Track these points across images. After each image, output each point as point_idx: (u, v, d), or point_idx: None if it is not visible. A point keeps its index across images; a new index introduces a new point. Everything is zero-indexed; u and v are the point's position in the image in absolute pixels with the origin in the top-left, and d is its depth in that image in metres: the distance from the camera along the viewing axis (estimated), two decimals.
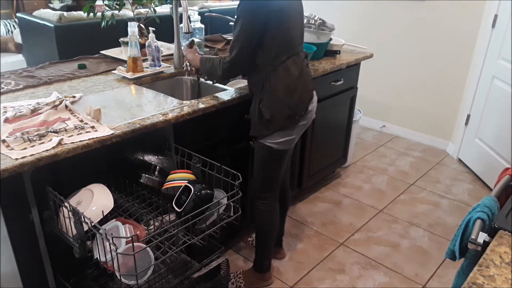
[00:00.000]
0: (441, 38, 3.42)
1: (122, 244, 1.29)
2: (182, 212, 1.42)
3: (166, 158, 1.66)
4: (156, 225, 1.55)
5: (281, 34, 1.70)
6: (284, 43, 1.72)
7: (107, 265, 1.31)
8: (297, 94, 1.77)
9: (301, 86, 1.78)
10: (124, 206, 1.64)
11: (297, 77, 1.76)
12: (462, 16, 3.27)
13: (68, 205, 1.32)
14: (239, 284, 2.10)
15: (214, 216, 1.54)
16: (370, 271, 2.27)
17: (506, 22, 2.86)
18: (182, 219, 1.41)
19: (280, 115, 1.75)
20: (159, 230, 1.44)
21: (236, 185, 1.55)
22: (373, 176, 3.22)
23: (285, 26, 1.71)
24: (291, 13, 1.74)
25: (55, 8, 5.36)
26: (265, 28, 1.66)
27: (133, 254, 1.24)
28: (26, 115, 1.62)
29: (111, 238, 1.22)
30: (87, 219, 1.29)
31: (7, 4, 5.48)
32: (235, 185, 1.54)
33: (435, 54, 3.49)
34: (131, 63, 2.10)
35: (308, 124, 1.89)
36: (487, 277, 0.91)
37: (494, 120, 3.00)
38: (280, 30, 1.69)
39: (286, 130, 1.80)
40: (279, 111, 1.75)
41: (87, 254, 1.36)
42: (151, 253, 1.34)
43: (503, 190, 1.45)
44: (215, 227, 1.53)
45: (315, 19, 2.55)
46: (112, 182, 1.58)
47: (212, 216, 1.54)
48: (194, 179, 1.58)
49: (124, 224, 1.40)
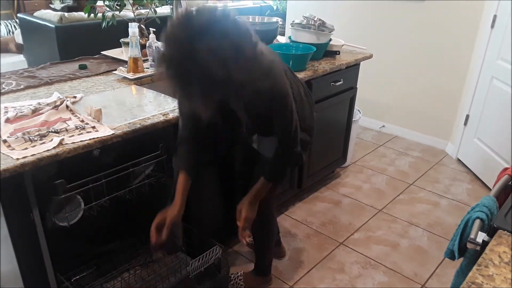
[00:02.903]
0: (440, 39, 3.43)
1: None
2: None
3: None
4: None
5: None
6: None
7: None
8: (308, 122, 1.69)
9: (308, 111, 1.72)
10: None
11: (307, 106, 1.71)
12: (461, 16, 3.27)
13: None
14: (239, 285, 2.10)
15: (142, 175, 1.72)
16: (369, 270, 2.28)
17: (505, 23, 2.86)
18: (109, 171, 1.57)
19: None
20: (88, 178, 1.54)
21: (160, 146, 1.70)
22: (373, 176, 3.23)
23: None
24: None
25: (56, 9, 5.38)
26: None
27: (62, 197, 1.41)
28: (27, 115, 1.62)
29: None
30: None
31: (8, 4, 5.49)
32: (160, 146, 1.70)
33: (434, 54, 3.50)
34: (132, 63, 2.11)
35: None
36: (486, 276, 0.92)
37: (493, 120, 3.01)
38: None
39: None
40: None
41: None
42: (81, 199, 1.52)
43: (502, 190, 1.45)
44: (141, 182, 1.73)
45: (314, 19, 2.55)
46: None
47: (140, 174, 1.72)
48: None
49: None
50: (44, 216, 1.48)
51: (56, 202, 1.47)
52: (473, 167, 3.27)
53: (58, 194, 1.44)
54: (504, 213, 1.17)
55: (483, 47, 3.11)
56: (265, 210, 1.95)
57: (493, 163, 2.97)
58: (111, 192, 1.60)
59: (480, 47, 3.16)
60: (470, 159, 3.31)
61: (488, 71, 3.06)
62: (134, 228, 2.03)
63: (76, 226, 1.54)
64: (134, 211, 2.01)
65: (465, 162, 3.38)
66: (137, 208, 1.99)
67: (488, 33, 3.06)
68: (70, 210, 1.51)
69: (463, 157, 3.41)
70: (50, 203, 1.47)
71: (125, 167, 1.63)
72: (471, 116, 3.29)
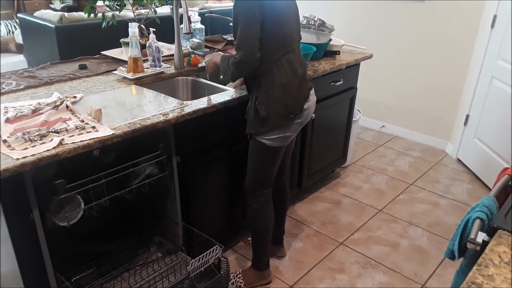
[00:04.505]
0: (441, 39, 3.43)
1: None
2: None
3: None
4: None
5: (274, 31, 1.71)
6: (278, 40, 1.72)
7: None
8: (292, 93, 1.77)
9: (296, 85, 1.78)
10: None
11: (292, 76, 1.76)
12: (462, 16, 3.28)
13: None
14: (239, 283, 2.10)
15: (142, 175, 1.74)
16: (369, 270, 2.28)
17: (505, 23, 2.86)
18: (109, 171, 1.58)
19: (276, 113, 1.75)
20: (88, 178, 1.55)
21: (160, 146, 1.71)
22: (373, 176, 3.23)
23: (278, 23, 1.72)
24: (284, 10, 1.75)
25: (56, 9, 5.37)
26: (261, 25, 1.67)
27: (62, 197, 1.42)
28: (27, 115, 1.62)
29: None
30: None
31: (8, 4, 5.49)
32: (160, 146, 1.71)
33: (434, 54, 3.50)
34: (132, 63, 2.10)
35: (304, 122, 1.88)
36: (486, 276, 0.92)
37: (493, 120, 3.01)
38: (274, 27, 1.70)
39: (281, 127, 1.79)
40: (274, 109, 1.75)
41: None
42: (81, 199, 1.54)
43: (502, 190, 1.45)
44: (141, 182, 1.74)
45: (314, 19, 2.55)
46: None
47: (140, 174, 1.74)
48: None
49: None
50: (44, 216, 1.48)
51: (56, 202, 1.47)
52: (473, 167, 3.27)
53: (58, 194, 1.44)
54: (504, 213, 1.17)
55: (483, 47, 3.11)
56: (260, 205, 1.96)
57: (493, 163, 2.97)
58: (111, 192, 1.60)
59: (480, 47, 3.16)
60: (470, 159, 3.31)
61: (488, 71, 3.06)
62: (134, 228, 2.04)
63: (76, 226, 1.54)
64: (134, 211, 2.01)
65: (465, 162, 3.39)
66: (137, 208, 1.99)
67: (488, 33, 3.06)
68: (70, 210, 1.51)
69: (463, 157, 3.41)
70: (50, 203, 1.47)
71: (125, 167, 1.63)
72: (471, 116, 3.29)
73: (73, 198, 1.51)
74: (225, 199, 2.19)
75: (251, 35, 1.67)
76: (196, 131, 1.88)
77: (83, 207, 1.54)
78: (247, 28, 1.67)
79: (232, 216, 2.28)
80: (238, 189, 2.16)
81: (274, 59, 1.72)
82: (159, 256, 2.05)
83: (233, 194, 2.21)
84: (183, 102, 1.87)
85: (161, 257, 2.04)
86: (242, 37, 1.68)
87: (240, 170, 2.09)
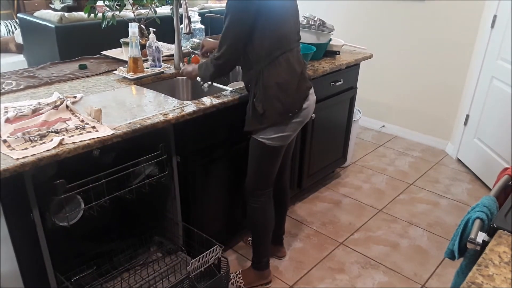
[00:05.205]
0: (441, 39, 3.43)
1: None
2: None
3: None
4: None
5: (271, 29, 1.70)
6: (276, 39, 1.72)
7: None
8: (290, 91, 1.76)
9: (294, 84, 1.78)
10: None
11: (290, 74, 1.76)
12: (462, 16, 3.28)
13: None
14: (239, 283, 2.10)
15: (142, 175, 1.75)
16: (369, 270, 2.28)
17: (505, 23, 2.86)
18: (109, 171, 1.58)
19: (273, 110, 1.75)
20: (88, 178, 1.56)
21: (160, 146, 1.72)
22: (373, 176, 3.23)
23: (276, 22, 1.71)
24: (282, 9, 1.74)
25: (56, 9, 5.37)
26: (255, 24, 1.67)
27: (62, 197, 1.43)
28: (27, 115, 1.62)
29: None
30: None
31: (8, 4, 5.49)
32: (160, 146, 1.72)
33: (434, 54, 3.50)
34: (132, 63, 2.10)
35: (304, 122, 1.87)
36: (486, 276, 0.92)
37: (493, 120, 3.01)
38: (271, 26, 1.70)
39: (279, 126, 1.79)
40: (271, 106, 1.74)
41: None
42: (81, 199, 1.54)
43: (502, 190, 1.45)
44: (141, 182, 1.75)
45: (314, 19, 2.55)
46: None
47: (140, 174, 1.75)
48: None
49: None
50: (44, 216, 1.48)
51: (56, 202, 1.47)
52: (473, 167, 3.27)
53: (58, 194, 1.44)
54: (504, 213, 1.17)
55: (483, 47, 3.11)
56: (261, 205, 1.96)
57: (493, 163, 2.97)
58: (111, 192, 1.60)
59: (480, 47, 3.16)
60: (470, 159, 3.31)
61: (488, 71, 3.06)
62: (134, 228, 2.04)
63: (76, 226, 1.54)
64: (134, 211, 2.01)
65: (465, 162, 3.39)
66: (137, 208, 1.99)
67: (488, 33, 3.06)
68: (70, 210, 1.51)
69: (463, 157, 3.41)
70: (50, 203, 1.47)
71: (125, 167, 1.63)
72: (471, 116, 3.29)
73: (73, 198, 1.51)
74: (225, 199, 2.19)
75: (235, 35, 1.71)
76: (196, 131, 1.88)
77: (83, 207, 1.54)
78: (232, 28, 1.70)
79: (232, 216, 2.28)
80: (238, 189, 2.16)
81: (272, 57, 1.72)
82: (159, 256, 2.05)
83: (233, 194, 2.21)
84: (183, 102, 1.87)
85: (161, 257, 2.04)
86: (226, 36, 1.73)
87: (240, 170, 2.09)
